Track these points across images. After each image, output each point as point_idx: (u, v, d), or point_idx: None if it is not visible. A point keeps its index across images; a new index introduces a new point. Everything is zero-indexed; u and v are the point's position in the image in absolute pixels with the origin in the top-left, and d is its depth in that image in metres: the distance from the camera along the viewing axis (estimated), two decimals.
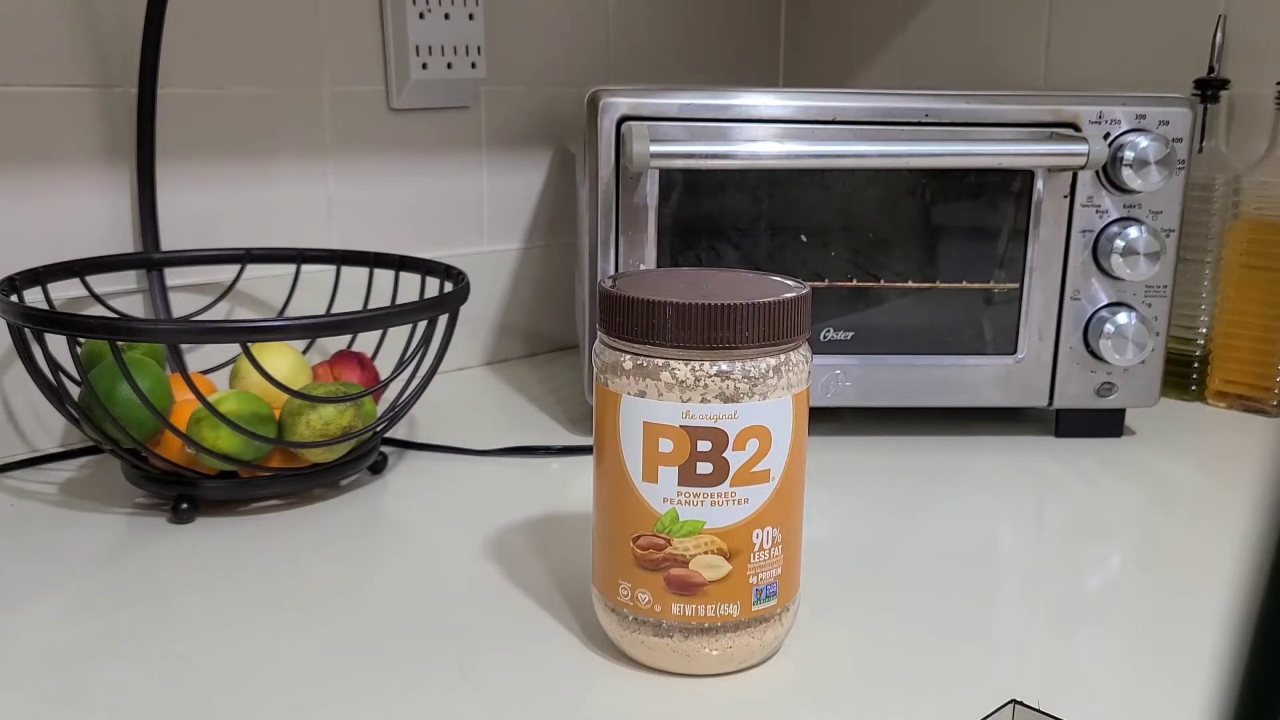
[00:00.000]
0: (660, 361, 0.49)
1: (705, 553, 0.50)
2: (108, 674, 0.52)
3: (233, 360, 0.83)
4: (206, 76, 0.87)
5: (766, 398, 0.49)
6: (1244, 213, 0.94)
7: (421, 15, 0.96)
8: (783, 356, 0.50)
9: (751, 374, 0.48)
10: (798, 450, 0.51)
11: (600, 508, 0.53)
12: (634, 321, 0.49)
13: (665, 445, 0.49)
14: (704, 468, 0.49)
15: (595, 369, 0.52)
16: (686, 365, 0.48)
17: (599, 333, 0.52)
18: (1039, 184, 0.83)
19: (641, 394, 0.49)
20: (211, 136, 0.88)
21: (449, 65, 0.98)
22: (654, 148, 0.76)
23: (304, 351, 0.85)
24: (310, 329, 0.73)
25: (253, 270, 0.89)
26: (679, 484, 0.49)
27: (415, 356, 0.74)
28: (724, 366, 0.48)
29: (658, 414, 0.49)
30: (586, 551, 0.66)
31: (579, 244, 0.91)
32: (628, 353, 0.50)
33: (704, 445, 0.49)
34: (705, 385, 0.48)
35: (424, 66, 0.97)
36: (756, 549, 0.50)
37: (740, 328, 0.48)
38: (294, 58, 0.92)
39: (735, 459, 0.49)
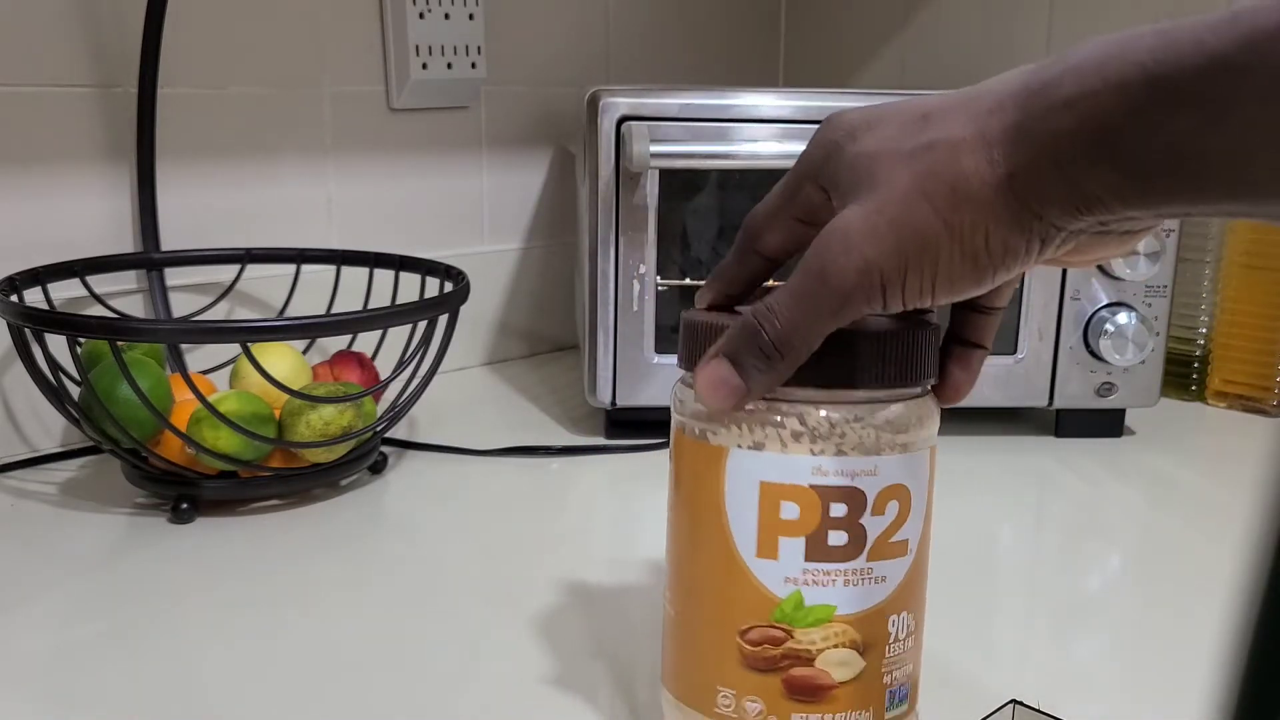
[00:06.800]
0: (784, 405, 0.39)
1: (835, 646, 0.40)
2: (108, 674, 0.52)
3: (233, 360, 0.83)
4: (206, 76, 0.87)
5: (909, 450, 0.40)
6: None
7: (421, 15, 0.96)
8: (922, 403, 0.41)
9: (894, 420, 0.40)
10: (930, 517, 0.43)
11: (686, 594, 0.42)
12: None
13: (789, 511, 0.39)
14: (837, 538, 0.39)
15: (678, 415, 0.42)
16: (817, 409, 0.39)
17: (686, 370, 0.42)
18: None
19: (758, 447, 0.40)
20: (211, 136, 0.88)
21: (449, 65, 0.98)
22: (654, 148, 0.76)
23: (304, 351, 0.85)
24: (310, 329, 0.73)
25: (253, 270, 0.89)
26: (806, 559, 0.39)
27: (415, 356, 0.74)
28: (862, 411, 0.39)
29: (780, 472, 0.39)
30: (586, 551, 0.66)
31: (579, 244, 0.91)
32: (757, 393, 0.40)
33: (838, 510, 0.39)
34: (841, 434, 0.39)
35: (424, 66, 0.97)
36: (891, 640, 0.41)
37: (887, 363, 0.39)
38: (294, 58, 0.92)
39: (873, 526, 0.40)
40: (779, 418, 0.39)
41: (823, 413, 0.39)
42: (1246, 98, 0.29)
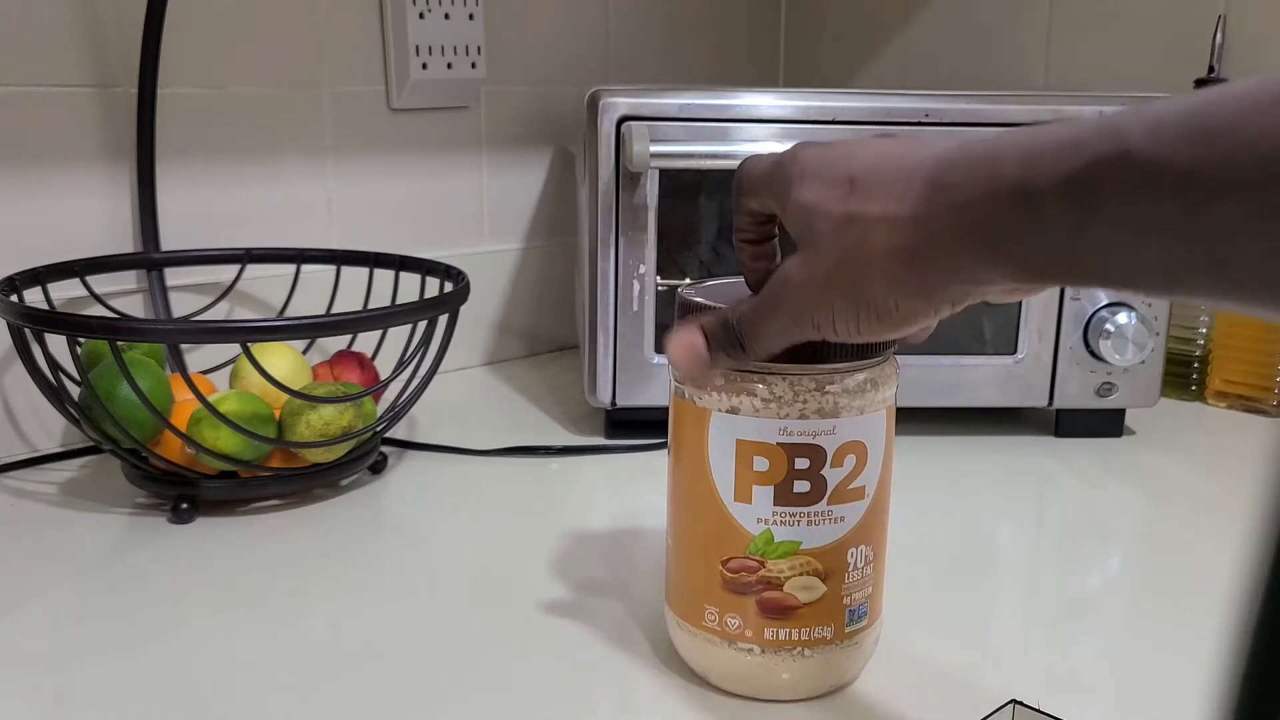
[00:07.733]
0: (755, 376, 0.47)
1: (800, 574, 0.48)
2: (108, 674, 0.52)
3: (233, 360, 0.83)
4: (206, 76, 0.87)
5: (864, 412, 0.47)
6: None
7: (421, 15, 0.96)
8: (878, 369, 0.48)
9: (850, 388, 0.47)
10: (888, 465, 0.50)
11: (681, 529, 0.51)
12: None
13: (760, 464, 0.47)
14: (801, 486, 0.47)
15: (674, 381, 0.50)
16: (784, 380, 0.46)
17: None
18: None
19: (734, 410, 0.47)
20: (211, 136, 0.88)
21: (449, 65, 0.98)
22: (654, 148, 0.76)
23: (304, 351, 0.85)
24: (310, 329, 0.73)
25: (253, 270, 0.89)
26: (774, 503, 0.47)
27: (415, 356, 0.74)
28: (822, 381, 0.46)
29: (753, 431, 0.47)
30: (583, 549, 0.66)
31: (579, 244, 0.91)
32: (718, 367, 0.47)
33: (801, 463, 0.47)
34: (804, 401, 0.46)
35: (424, 66, 0.97)
36: (850, 568, 0.49)
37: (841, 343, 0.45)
38: (294, 58, 0.92)
39: (833, 476, 0.47)
40: (751, 387, 0.47)
41: (787, 383, 0.46)
42: (1099, 212, 0.34)
